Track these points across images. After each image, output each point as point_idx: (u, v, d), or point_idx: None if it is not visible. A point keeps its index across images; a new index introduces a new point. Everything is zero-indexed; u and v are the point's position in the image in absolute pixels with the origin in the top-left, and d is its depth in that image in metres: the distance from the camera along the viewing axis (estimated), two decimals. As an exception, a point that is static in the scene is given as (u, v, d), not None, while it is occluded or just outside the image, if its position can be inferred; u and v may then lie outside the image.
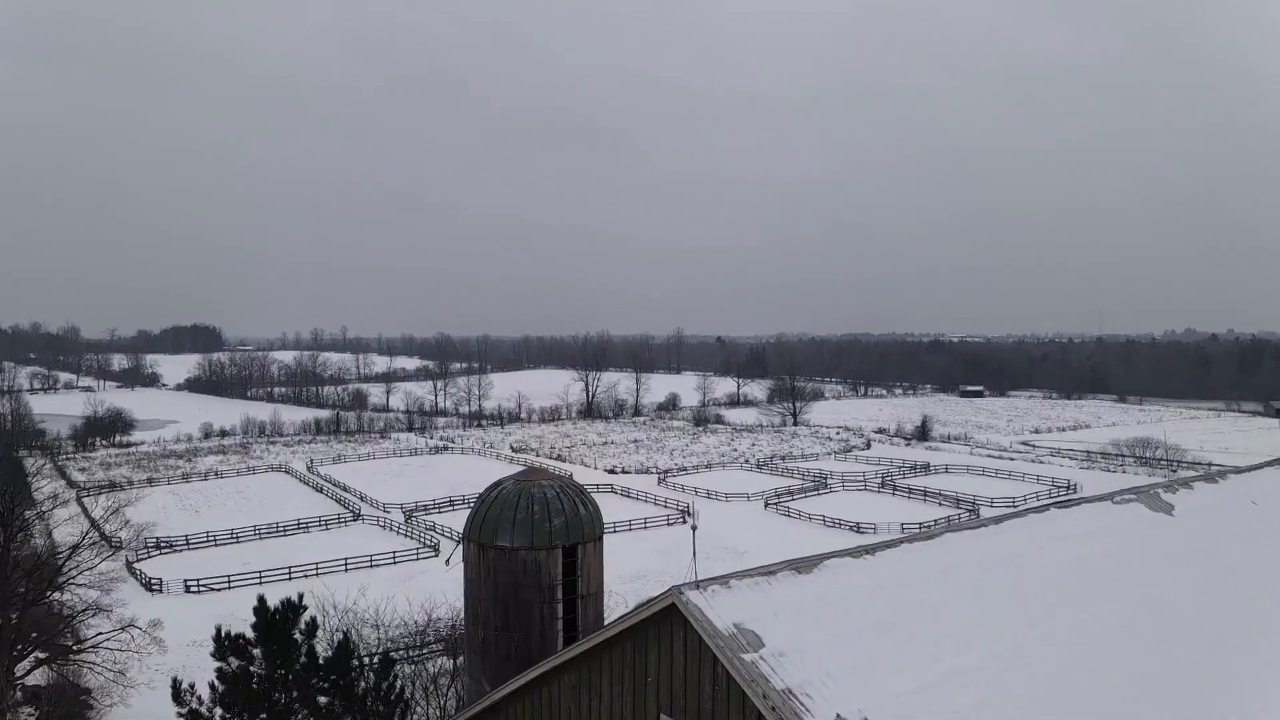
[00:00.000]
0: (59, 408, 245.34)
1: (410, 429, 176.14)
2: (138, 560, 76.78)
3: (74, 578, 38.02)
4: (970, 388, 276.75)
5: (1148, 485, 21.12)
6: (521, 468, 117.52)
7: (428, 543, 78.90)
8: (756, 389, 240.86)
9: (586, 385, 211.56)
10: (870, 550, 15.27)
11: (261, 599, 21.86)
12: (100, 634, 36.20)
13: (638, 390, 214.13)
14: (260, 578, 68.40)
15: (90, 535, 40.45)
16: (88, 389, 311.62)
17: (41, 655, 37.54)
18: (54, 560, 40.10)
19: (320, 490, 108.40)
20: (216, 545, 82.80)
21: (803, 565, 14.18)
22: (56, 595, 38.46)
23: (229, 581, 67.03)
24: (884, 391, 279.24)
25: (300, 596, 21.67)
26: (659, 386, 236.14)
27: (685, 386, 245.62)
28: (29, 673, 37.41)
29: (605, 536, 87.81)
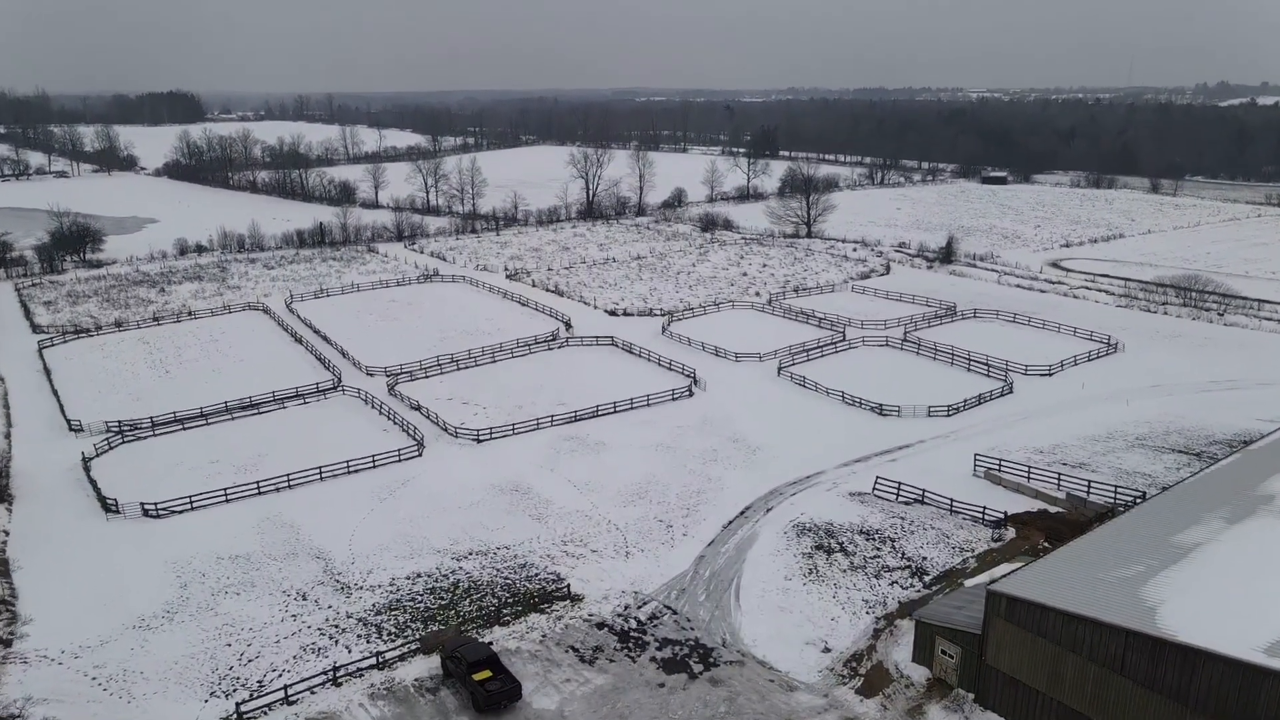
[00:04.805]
0: (30, 198, 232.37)
1: (400, 238, 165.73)
2: (98, 455, 70.81)
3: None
4: (993, 173, 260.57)
5: None
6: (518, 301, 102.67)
7: (412, 435, 72.33)
8: (767, 181, 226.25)
9: (587, 183, 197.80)
10: None
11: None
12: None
13: (641, 189, 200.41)
14: (226, 495, 62.20)
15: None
16: (61, 174, 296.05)
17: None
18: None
19: (299, 341, 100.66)
20: (185, 429, 76.35)
21: None
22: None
23: (191, 503, 60.89)
24: (902, 180, 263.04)
25: None
26: (663, 175, 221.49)
27: (691, 176, 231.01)
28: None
29: (603, 418, 79.94)
